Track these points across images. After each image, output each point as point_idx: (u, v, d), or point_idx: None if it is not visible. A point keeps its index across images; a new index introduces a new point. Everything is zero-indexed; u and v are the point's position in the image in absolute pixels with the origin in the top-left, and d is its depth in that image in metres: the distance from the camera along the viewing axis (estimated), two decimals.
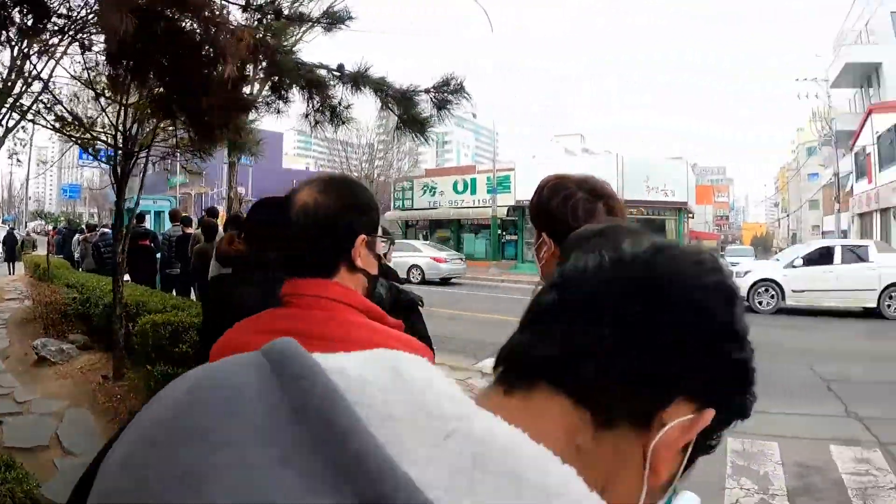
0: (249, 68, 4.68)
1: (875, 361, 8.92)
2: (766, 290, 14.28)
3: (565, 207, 1.31)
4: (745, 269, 15.07)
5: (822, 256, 14.30)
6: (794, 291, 14.04)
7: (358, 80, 4.87)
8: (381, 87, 4.89)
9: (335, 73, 4.97)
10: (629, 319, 0.46)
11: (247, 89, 5.94)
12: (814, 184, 49.21)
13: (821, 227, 45.51)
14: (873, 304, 13.55)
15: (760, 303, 14.23)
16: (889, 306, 13.43)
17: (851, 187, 31.67)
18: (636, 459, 0.46)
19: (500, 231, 29.04)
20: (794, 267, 14.28)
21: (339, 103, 5.10)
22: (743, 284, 14.26)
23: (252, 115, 6.51)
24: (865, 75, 34.00)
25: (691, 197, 26.76)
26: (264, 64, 4.76)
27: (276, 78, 5.09)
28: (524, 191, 24.61)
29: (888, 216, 25.53)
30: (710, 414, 0.47)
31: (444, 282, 20.53)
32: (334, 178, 1.25)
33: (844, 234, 31.20)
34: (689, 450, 0.49)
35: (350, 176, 1.43)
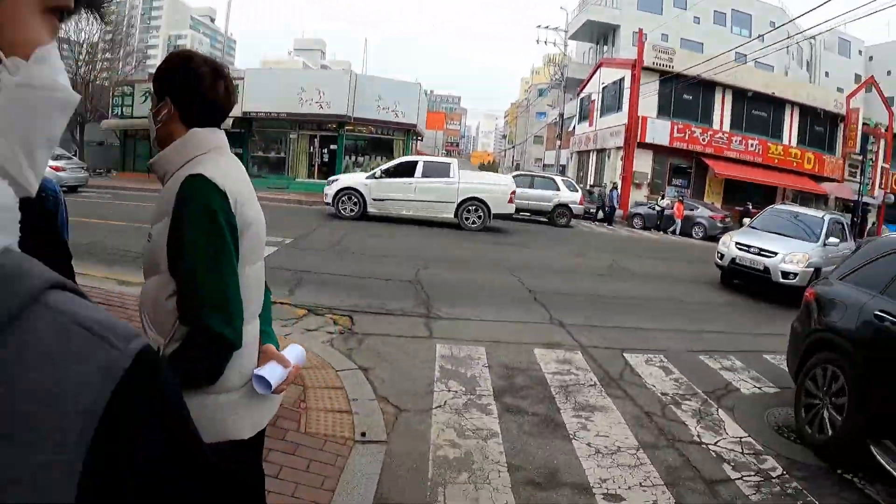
0: None
1: (570, 274, 9.77)
2: (350, 198, 14.88)
3: (192, 79, 1.46)
4: (333, 179, 15.65)
5: (406, 170, 15.11)
6: (374, 200, 14.82)
7: None
8: None
9: None
10: None
11: None
12: (541, 121, 54.83)
13: (543, 160, 51.12)
14: (451, 216, 14.98)
15: (345, 209, 14.84)
16: (467, 219, 14.91)
17: (574, 128, 35.76)
18: None
19: None
20: (375, 178, 15.01)
21: None
22: (330, 193, 15.00)
23: None
24: (603, 34, 38.08)
25: (422, 120, 26.78)
26: None
27: None
28: (253, 102, 22.51)
29: (603, 156, 29.41)
30: None
31: (72, 190, 16.74)
32: None
33: (563, 169, 35.34)
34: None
35: None
